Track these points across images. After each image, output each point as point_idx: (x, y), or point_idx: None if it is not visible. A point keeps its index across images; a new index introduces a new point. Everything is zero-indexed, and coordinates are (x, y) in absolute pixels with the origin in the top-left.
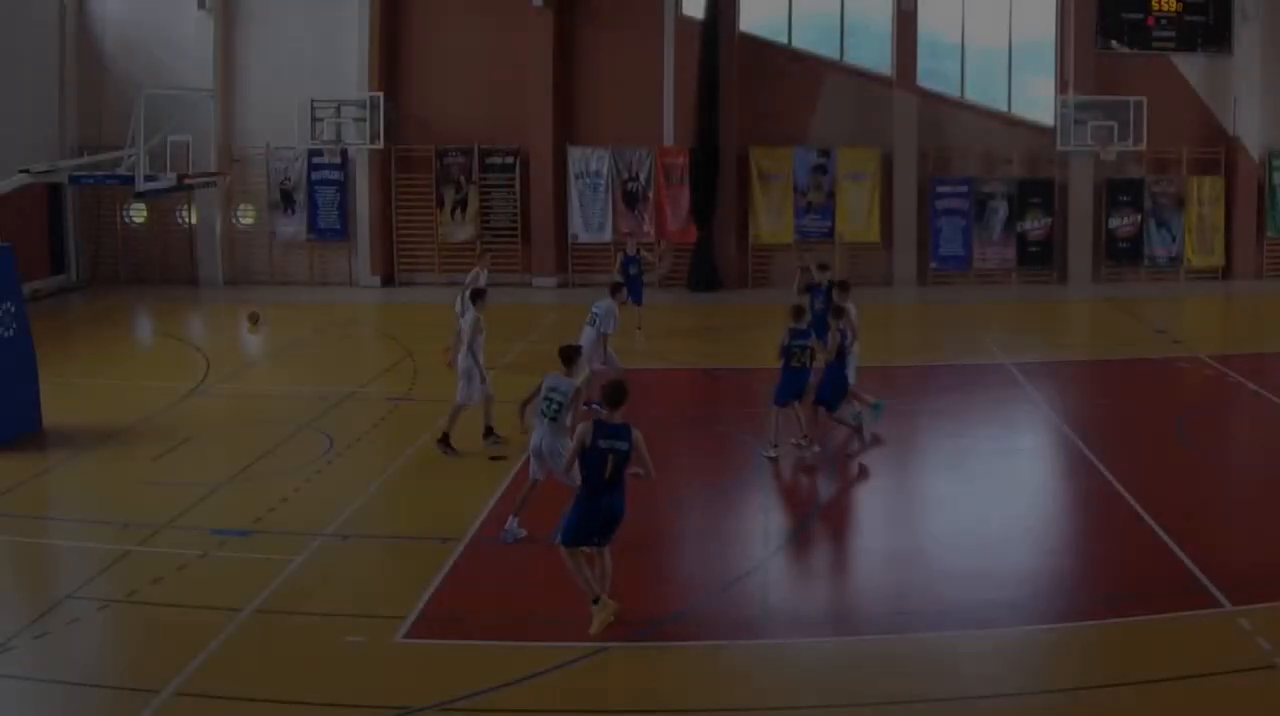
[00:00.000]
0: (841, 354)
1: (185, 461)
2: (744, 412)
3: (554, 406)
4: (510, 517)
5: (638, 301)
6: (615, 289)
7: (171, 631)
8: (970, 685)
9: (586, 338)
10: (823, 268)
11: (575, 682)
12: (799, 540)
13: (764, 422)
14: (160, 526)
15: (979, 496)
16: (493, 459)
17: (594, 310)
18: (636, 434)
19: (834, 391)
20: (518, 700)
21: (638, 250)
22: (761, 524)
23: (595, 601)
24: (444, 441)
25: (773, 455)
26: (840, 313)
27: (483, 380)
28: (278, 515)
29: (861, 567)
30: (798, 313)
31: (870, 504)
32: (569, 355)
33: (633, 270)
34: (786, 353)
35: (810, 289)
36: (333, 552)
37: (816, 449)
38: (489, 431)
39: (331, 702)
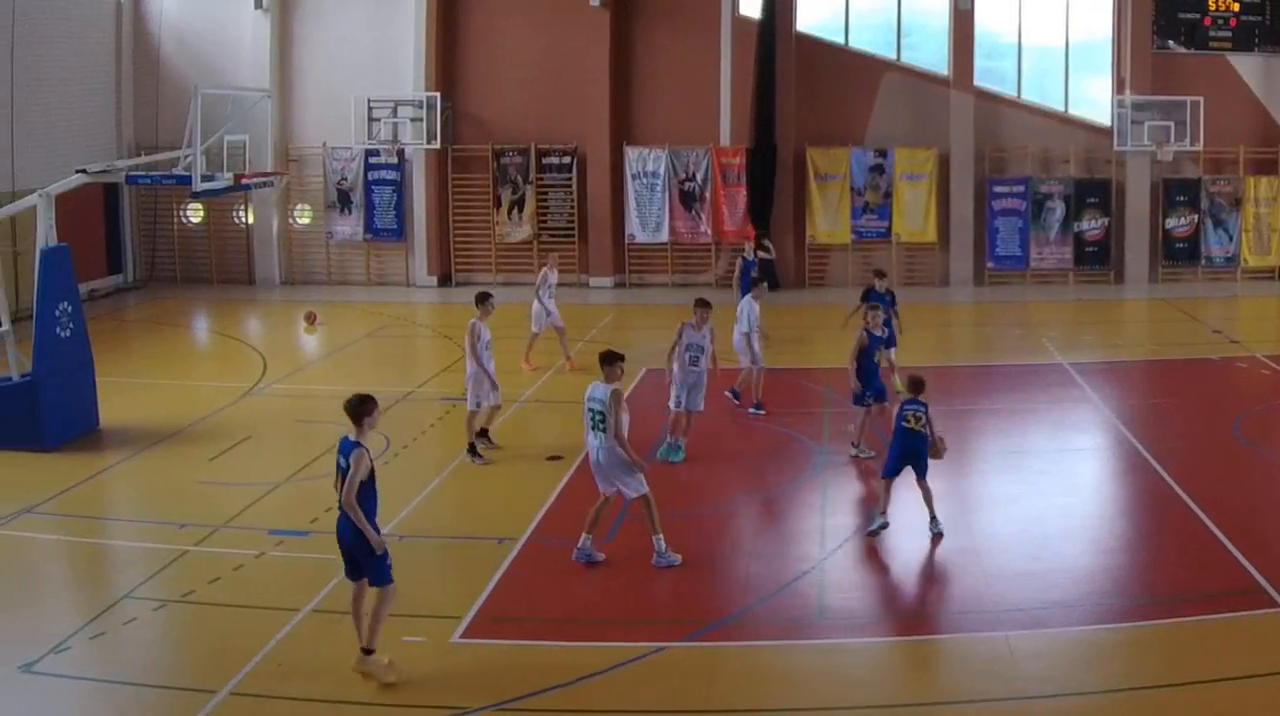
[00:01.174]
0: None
1: (242, 461)
2: (801, 412)
3: (596, 416)
4: (584, 536)
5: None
6: (754, 283)
7: (228, 631)
8: (1027, 685)
9: (735, 339)
10: (880, 274)
11: (632, 683)
12: (856, 540)
13: (819, 423)
14: (217, 526)
15: (1036, 496)
16: (549, 459)
17: (739, 310)
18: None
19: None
20: (573, 701)
21: (754, 253)
22: (819, 524)
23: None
24: (471, 448)
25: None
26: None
27: (494, 387)
28: (334, 515)
29: (918, 568)
30: (915, 386)
31: (927, 504)
32: (609, 359)
33: (754, 274)
34: (900, 418)
35: (869, 294)
36: (391, 553)
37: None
38: (482, 433)
39: (387, 703)
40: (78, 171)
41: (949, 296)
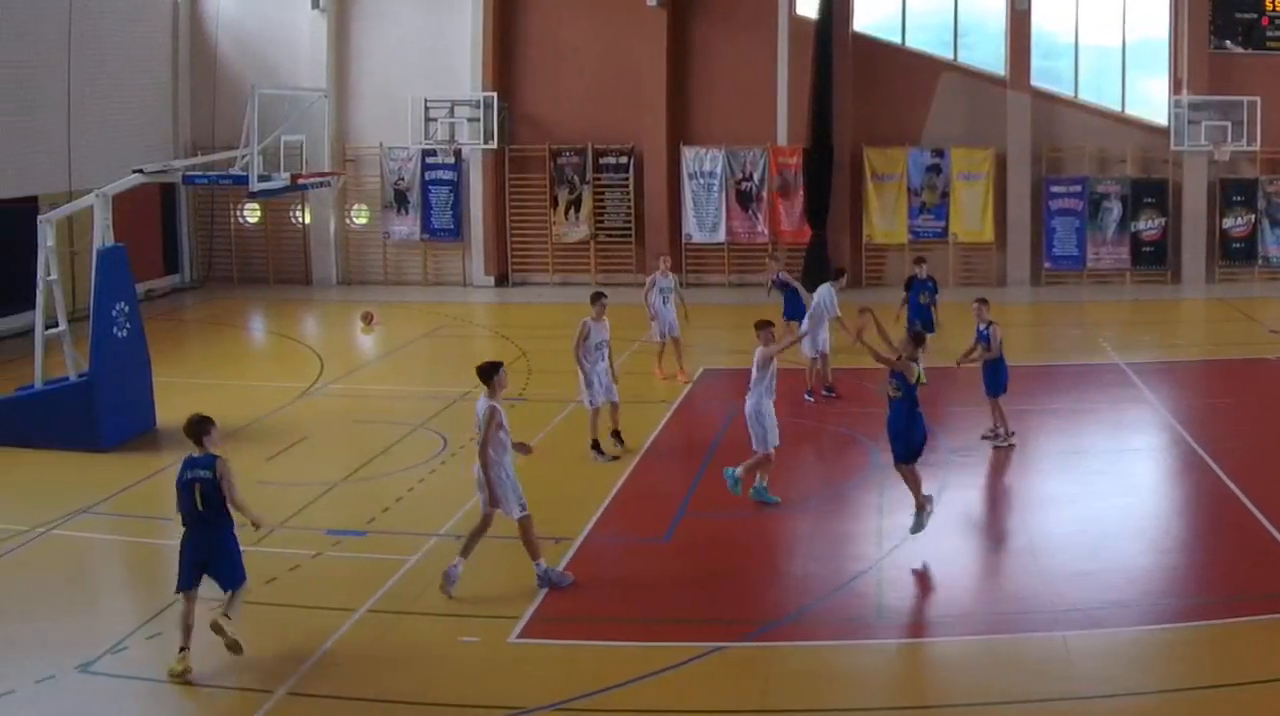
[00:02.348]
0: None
1: (299, 461)
2: (858, 411)
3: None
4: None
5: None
6: (838, 274)
7: (285, 631)
8: (1084, 685)
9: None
10: (920, 261)
11: (688, 683)
12: (913, 540)
13: (877, 422)
14: (274, 526)
15: (1093, 496)
16: (607, 459)
17: (817, 296)
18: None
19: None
20: (630, 701)
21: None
22: (875, 524)
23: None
24: (595, 446)
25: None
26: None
27: (594, 385)
28: (392, 515)
29: (975, 568)
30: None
31: (984, 504)
32: (487, 373)
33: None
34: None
35: (912, 282)
36: (447, 553)
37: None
38: (614, 434)
39: (444, 703)
40: (134, 171)
41: (1005, 296)
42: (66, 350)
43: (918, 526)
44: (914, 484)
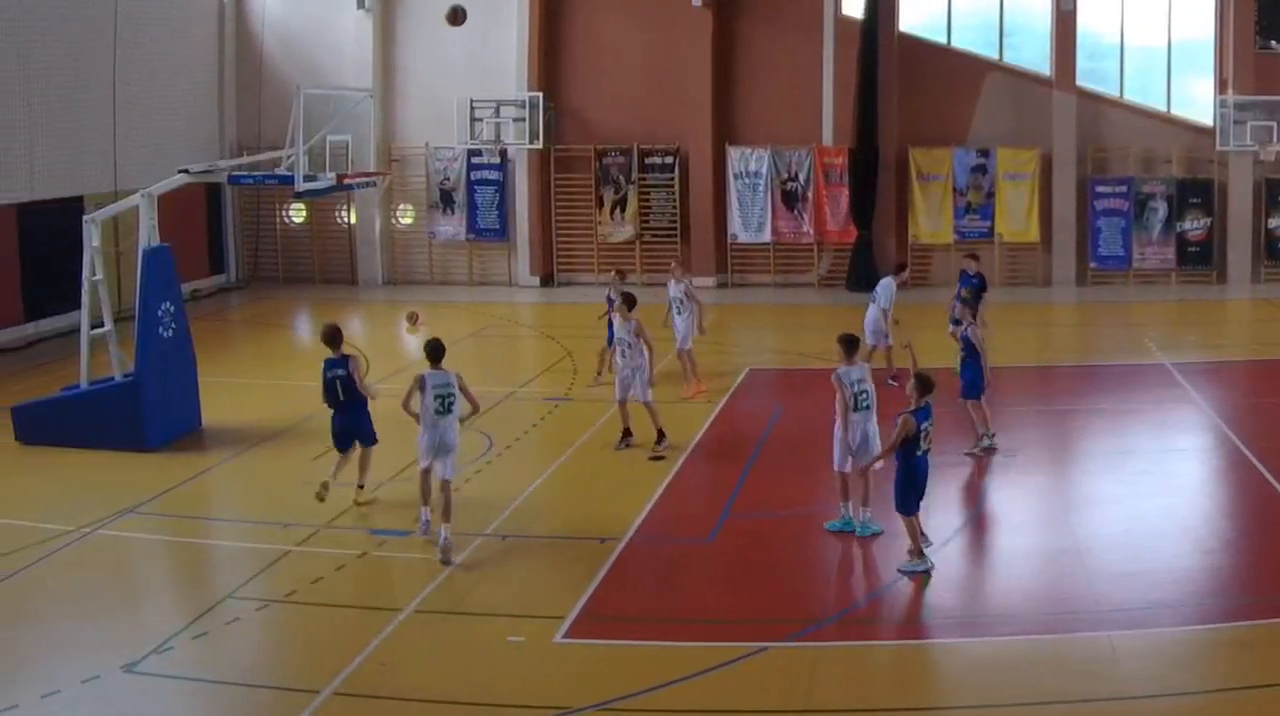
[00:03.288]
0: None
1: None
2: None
3: (446, 400)
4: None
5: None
6: (899, 268)
7: (331, 631)
8: (1130, 685)
9: (870, 316)
10: (973, 258)
11: (734, 683)
12: (958, 540)
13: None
14: (319, 526)
15: (1138, 496)
16: (651, 459)
17: (875, 290)
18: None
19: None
20: (676, 701)
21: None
22: (923, 522)
23: None
24: (658, 438)
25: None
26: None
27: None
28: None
29: (1020, 567)
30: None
31: (1029, 503)
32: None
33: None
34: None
35: (962, 277)
36: (492, 552)
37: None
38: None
39: (490, 702)
40: (180, 171)
41: (1051, 296)
42: (112, 350)
43: (909, 568)
44: (912, 534)
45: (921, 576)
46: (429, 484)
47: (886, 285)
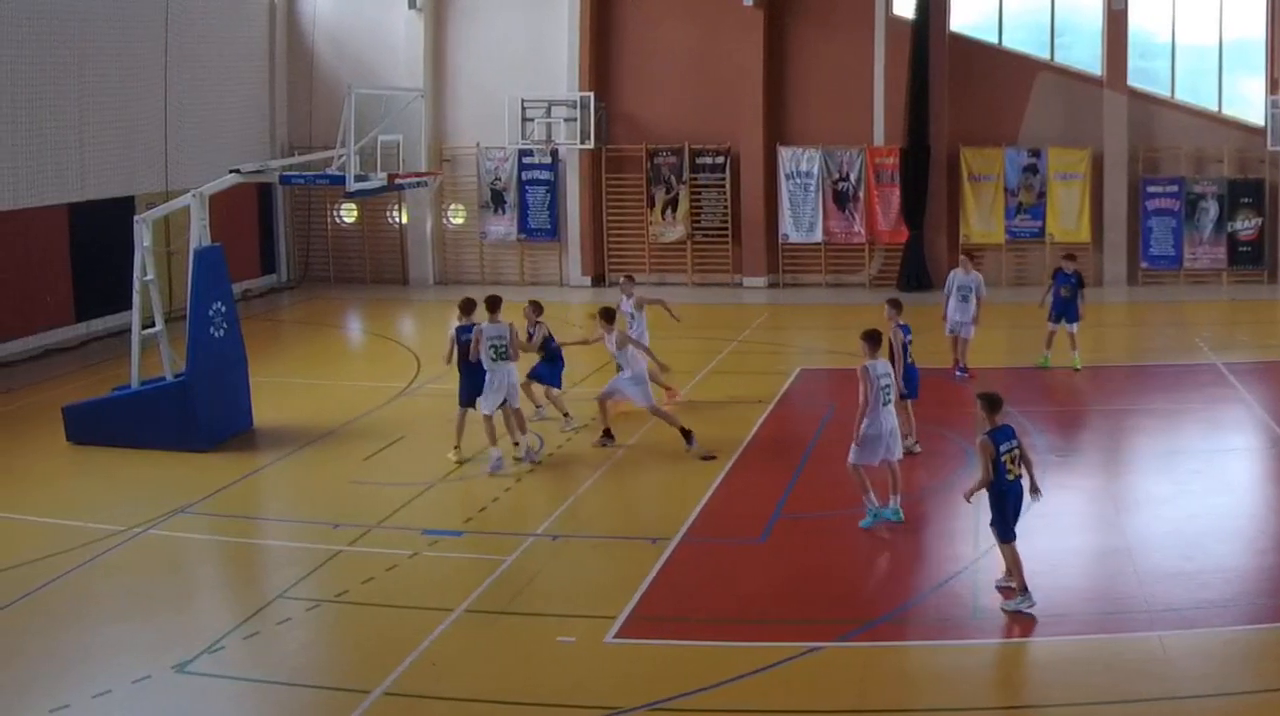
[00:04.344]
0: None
1: (396, 461)
2: (956, 414)
3: (500, 349)
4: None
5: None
6: (968, 256)
7: (381, 631)
8: (1180, 685)
9: (969, 308)
10: (1070, 257)
11: (784, 683)
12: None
13: (972, 421)
14: (371, 526)
15: (1189, 496)
16: (703, 459)
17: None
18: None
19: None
20: (727, 700)
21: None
22: (973, 524)
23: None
24: (685, 436)
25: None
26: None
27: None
28: (488, 515)
29: (1072, 568)
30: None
31: (1080, 504)
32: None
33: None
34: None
35: (1056, 274)
36: (543, 552)
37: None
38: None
39: (541, 702)
40: (231, 171)
41: (1103, 296)
42: (163, 350)
43: (1012, 607)
44: (1013, 563)
45: (1018, 600)
46: (493, 427)
47: (977, 279)
